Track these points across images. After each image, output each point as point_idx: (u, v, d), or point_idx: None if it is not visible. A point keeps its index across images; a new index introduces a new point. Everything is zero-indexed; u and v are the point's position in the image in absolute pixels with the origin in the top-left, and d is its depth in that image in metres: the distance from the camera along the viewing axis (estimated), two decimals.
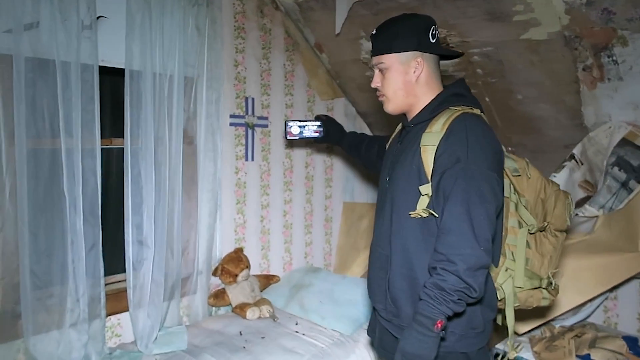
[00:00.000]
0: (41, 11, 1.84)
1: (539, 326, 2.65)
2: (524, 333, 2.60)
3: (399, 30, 1.43)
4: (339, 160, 3.34)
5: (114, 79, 2.49)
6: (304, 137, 2.13)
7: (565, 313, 2.64)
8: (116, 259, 2.52)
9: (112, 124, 2.48)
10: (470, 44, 2.36)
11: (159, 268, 2.23)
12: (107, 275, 2.18)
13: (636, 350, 2.41)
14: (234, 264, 2.62)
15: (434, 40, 1.43)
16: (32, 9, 1.82)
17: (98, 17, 2.03)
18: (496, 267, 1.43)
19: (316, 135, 2.13)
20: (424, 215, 1.32)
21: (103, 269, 2.10)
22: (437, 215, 1.30)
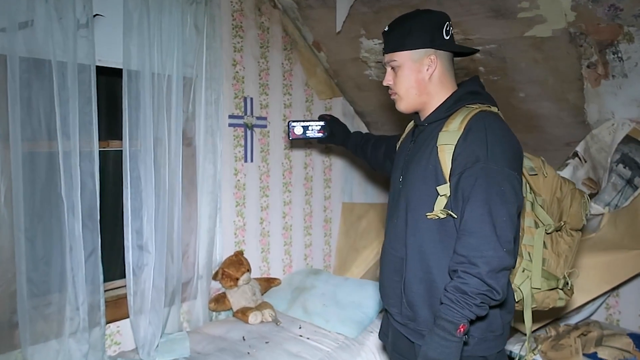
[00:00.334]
0: (36, 9, 1.78)
1: (544, 325, 2.64)
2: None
3: (412, 26, 1.39)
4: (338, 161, 3.30)
5: (109, 79, 2.43)
6: (308, 138, 2.09)
7: (570, 312, 2.63)
8: (114, 265, 2.46)
9: (109, 125, 2.41)
10: (473, 42, 2.33)
11: (159, 273, 2.17)
12: (105, 281, 2.12)
13: None
14: (234, 267, 2.56)
15: (447, 37, 1.40)
16: (26, 7, 1.75)
17: (94, 16, 1.96)
18: (513, 268, 1.40)
19: (320, 135, 2.09)
20: (441, 216, 1.29)
21: (102, 275, 2.03)
22: (455, 216, 1.26)
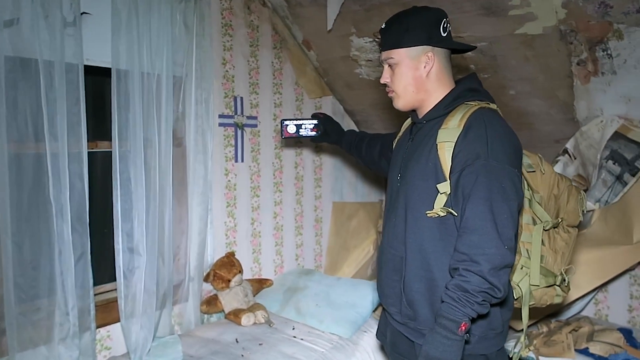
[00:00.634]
0: (22, 7, 1.73)
1: (536, 322, 2.66)
2: (521, 329, 2.60)
3: (409, 24, 1.38)
4: (328, 160, 3.29)
5: (97, 79, 2.38)
6: (301, 136, 2.07)
7: (561, 308, 2.65)
8: (103, 268, 2.41)
9: (97, 126, 2.36)
10: (464, 40, 2.33)
11: (150, 276, 2.14)
12: (95, 285, 2.07)
13: (632, 341, 2.44)
14: (226, 269, 2.53)
15: (445, 34, 1.39)
16: (11, 5, 1.71)
17: (82, 14, 1.92)
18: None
19: (313, 134, 2.07)
20: (442, 214, 1.28)
21: (92, 279, 1.99)
22: (456, 214, 1.25)
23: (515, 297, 1.44)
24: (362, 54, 2.77)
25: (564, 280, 1.47)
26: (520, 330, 2.59)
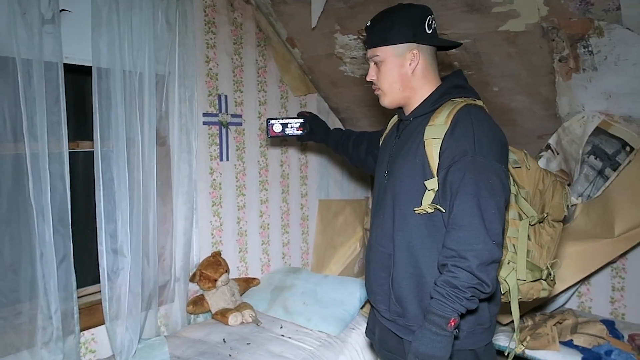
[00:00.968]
0: None
1: (521, 316, 2.69)
2: (507, 323, 2.63)
3: (394, 21, 1.38)
4: (314, 158, 3.28)
5: (78, 78, 2.33)
6: (287, 135, 2.06)
7: (545, 301, 2.69)
8: (87, 270, 2.37)
9: (78, 126, 2.31)
10: (448, 37, 2.34)
11: (135, 277, 2.11)
12: (78, 287, 2.03)
13: (614, 332, 2.49)
14: (212, 268, 2.51)
15: (430, 31, 1.39)
16: None
17: (61, 11, 1.88)
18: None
19: (299, 132, 2.06)
20: (429, 210, 1.28)
21: (75, 281, 1.95)
22: (444, 211, 1.26)
23: (502, 292, 1.45)
24: (347, 52, 2.76)
25: (550, 274, 1.49)
26: (506, 325, 2.64)
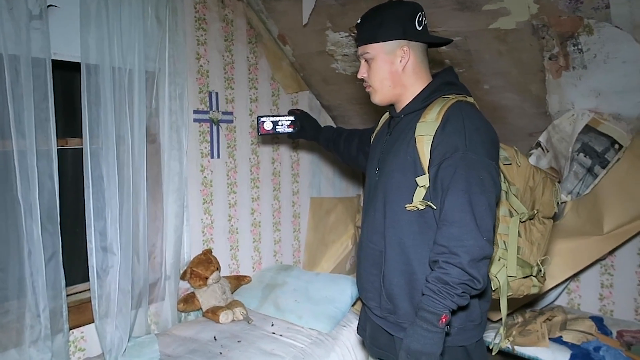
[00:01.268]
0: None
1: (511, 312, 2.71)
2: (498, 320, 2.65)
3: (383, 18, 1.38)
4: (305, 155, 3.27)
5: (66, 74, 2.31)
6: (278, 133, 2.05)
7: (535, 298, 2.71)
8: (76, 268, 2.35)
9: (67, 122, 2.29)
10: (439, 34, 2.34)
11: (125, 275, 2.09)
12: (67, 285, 2.01)
13: (603, 329, 2.51)
14: (203, 266, 2.50)
15: (420, 28, 1.39)
16: None
17: (48, 6, 1.85)
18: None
19: (290, 130, 2.05)
20: (421, 207, 1.28)
21: (64, 279, 1.94)
22: (435, 207, 1.26)
23: (493, 289, 1.45)
24: (338, 49, 2.76)
25: (540, 270, 1.50)
26: (496, 321, 2.65)
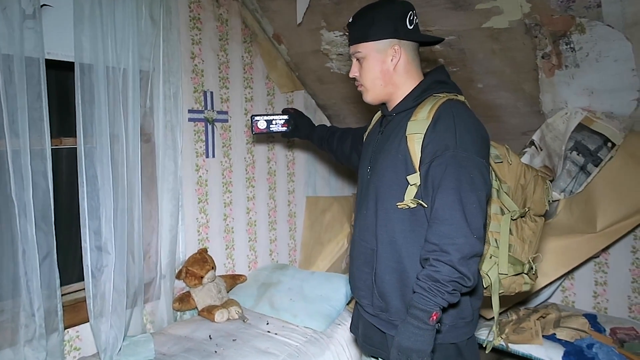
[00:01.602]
0: None
1: (505, 310, 2.72)
2: (491, 318, 2.66)
3: (374, 17, 1.39)
4: (301, 154, 3.28)
5: (60, 73, 2.31)
6: (272, 132, 2.06)
7: (529, 295, 2.72)
8: (71, 267, 2.35)
9: (61, 122, 2.29)
10: (432, 33, 2.35)
11: (120, 274, 2.09)
12: (62, 285, 2.02)
13: (596, 326, 2.52)
14: (199, 265, 2.50)
15: (411, 27, 1.39)
16: None
17: (42, 6, 1.85)
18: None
19: (284, 129, 2.06)
20: (412, 205, 1.29)
21: (59, 279, 1.94)
22: (426, 206, 1.27)
23: (484, 286, 1.46)
24: (333, 48, 2.76)
25: (532, 268, 1.51)
26: (490, 319, 2.66)
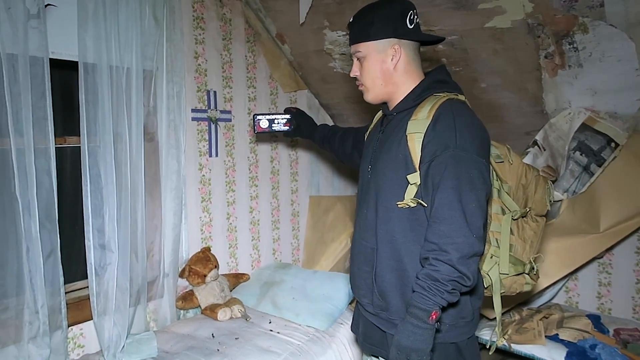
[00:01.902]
0: None
1: (508, 310, 2.71)
2: (494, 318, 2.65)
3: (375, 17, 1.39)
4: (304, 154, 3.29)
5: (64, 73, 2.32)
6: (274, 131, 2.07)
7: (532, 296, 2.71)
8: (74, 265, 2.36)
9: (65, 121, 2.31)
10: (435, 33, 2.34)
11: (123, 273, 2.11)
12: (66, 283, 2.03)
13: (599, 327, 2.51)
14: (202, 264, 2.52)
15: (411, 26, 1.39)
16: None
17: (46, 6, 1.87)
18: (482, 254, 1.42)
19: (286, 128, 2.07)
20: (412, 205, 1.29)
21: (62, 276, 1.95)
22: (426, 205, 1.27)
23: (485, 286, 1.46)
24: (336, 48, 2.77)
25: (533, 268, 1.51)
26: (493, 319, 2.65)
